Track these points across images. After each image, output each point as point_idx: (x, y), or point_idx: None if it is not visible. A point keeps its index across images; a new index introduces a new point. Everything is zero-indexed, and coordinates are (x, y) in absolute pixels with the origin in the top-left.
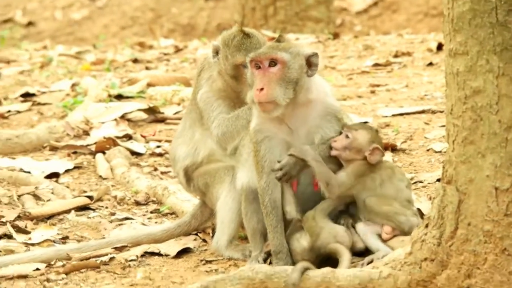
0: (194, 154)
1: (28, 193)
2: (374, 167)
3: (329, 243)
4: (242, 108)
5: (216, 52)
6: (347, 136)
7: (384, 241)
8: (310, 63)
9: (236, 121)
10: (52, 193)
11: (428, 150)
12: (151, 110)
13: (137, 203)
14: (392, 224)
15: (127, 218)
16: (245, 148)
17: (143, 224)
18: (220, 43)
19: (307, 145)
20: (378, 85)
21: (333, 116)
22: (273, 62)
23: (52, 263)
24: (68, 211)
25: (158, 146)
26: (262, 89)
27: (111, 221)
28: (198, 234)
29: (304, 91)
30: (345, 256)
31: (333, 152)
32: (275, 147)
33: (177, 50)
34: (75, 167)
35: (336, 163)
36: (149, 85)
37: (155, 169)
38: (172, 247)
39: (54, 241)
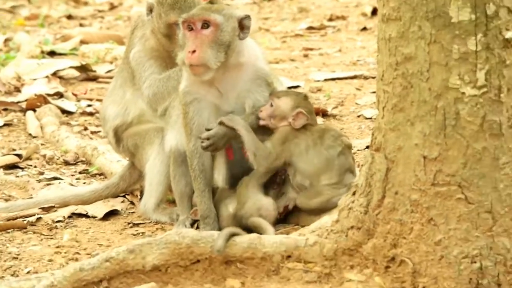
0: (124, 114)
1: None
2: (301, 133)
3: (252, 215)
4: (174, 69)
5: (150, 10)
6: (271, 105)
7: None
8: (243, 25)
9: (168, 82)
10: None
11: (358, 116)
12: (83, 68)
13: (66, 163)
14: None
15: (55, 178)
16: (175, 110)
17: (71, 185)
18: (154, 1)
19: (236, 109)
20: (311, 49)
21: (263, 80)
22: (206, 24)
23: None
24: None
25: (89, 105)
26: (194, 51)
27: (39, 181)
28: (126, 196)
29: (235, 54)
30: (268, 232)
31: (261, 122)
32: (204, 109)
33: (112, 7)
34: (5, 124)
35: (268, 134)
36: (82, 42)
37: (85, 129)
38: (99, 209)
39: None
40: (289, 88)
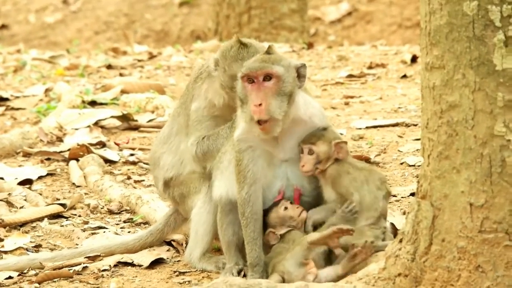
0: (180, 166)
1: (1, 200)
2: (349, 167)
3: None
4: (223, 126)
5: (217, 64)
6: (310, 153)
7: None
8: (299, 74)
9: (217, 140)
10: (25, 200)
11: (401, 163)
12: (124, 118)
13: (110, 212)
14: None
15: (100, 227)
16: (226, 156)
17: (116, 234)
18: (218, 55)
19: (291, 157)
20: (352, 97)
21: None
22: (268, 77)
23: (25, 271)
24: (41, 219)
25: (132, 154)
26: (260, 104)
27: (84, 230)
28: (172, 243)
29: (295, 105)
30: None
31: (307, 175)
32: (259, 157)
33: (151, 56)
34: (48, 174)
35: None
36: (123, 92)
37: (129, 178)
38: (145, 257)
39: (27, 249)
40: None
